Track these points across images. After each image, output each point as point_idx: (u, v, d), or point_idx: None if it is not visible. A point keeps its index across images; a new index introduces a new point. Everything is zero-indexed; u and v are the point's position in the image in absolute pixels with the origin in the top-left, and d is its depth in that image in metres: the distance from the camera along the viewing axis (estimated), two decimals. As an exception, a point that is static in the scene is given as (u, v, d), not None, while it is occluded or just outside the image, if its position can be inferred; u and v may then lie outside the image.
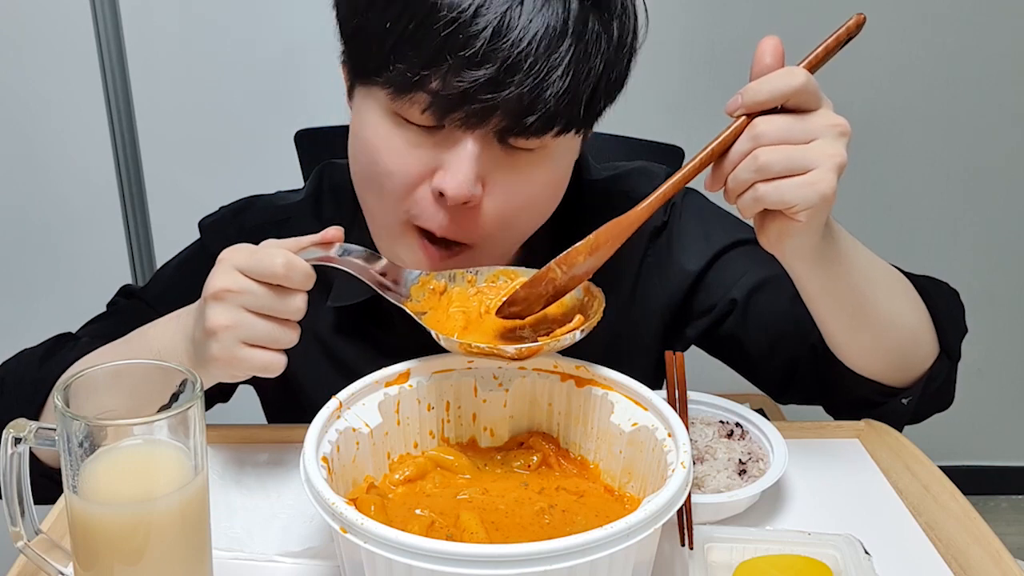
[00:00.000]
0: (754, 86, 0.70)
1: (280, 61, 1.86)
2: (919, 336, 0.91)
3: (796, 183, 0.70)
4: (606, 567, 0.59)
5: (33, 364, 0.92)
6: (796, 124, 0.70)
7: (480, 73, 0.73)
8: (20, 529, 0.65)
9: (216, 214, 1.04)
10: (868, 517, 0.83)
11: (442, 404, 0.80)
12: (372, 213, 0.87)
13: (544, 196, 0.84)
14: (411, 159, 0.79)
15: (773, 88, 0.69)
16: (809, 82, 0.70)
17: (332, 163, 1.02)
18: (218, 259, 0.75)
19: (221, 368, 0.75)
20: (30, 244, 1.97)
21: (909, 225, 2.20)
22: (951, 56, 2.06)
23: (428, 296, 0.79)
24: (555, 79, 0.74)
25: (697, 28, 2.03)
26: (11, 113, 1.87)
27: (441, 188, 0.78)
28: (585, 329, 0.73)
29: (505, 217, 0.82)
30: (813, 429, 0.96)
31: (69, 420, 0.60)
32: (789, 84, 0.69)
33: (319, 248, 0.77)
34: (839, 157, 0.70)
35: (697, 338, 1.04)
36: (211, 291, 0.74)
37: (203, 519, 0.66)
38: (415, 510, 0.72)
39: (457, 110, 0.75)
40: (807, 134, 0.70)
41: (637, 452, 0.74)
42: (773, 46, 0.71)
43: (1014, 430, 2.44)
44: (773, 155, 0.70)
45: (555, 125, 0.77)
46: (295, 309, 0.74)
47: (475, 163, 0.77)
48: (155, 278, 1.04)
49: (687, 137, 1.34)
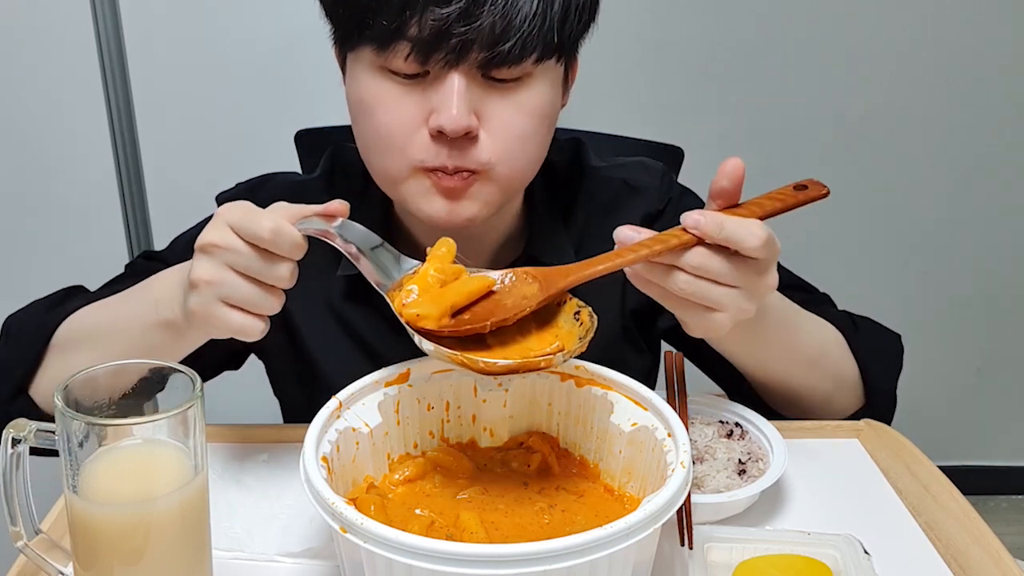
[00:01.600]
0: (715, 224, 0.72)
1: (280, 61, 1.86)
2: (842, 391, 0.98)
3: (699, 314, 0.76)
4: (606, 567, 0.59)
5: (40, 311, 0.94)
6: (731, 271, 0.74)
7: (451, 9, 0.77)
8: (20, 529, 0.65)
9: (233, 189, 1.05)
10: (868, 517, 0.83)
11: (442, 404, 0.80)
12: (381, 172, 0.88)
13: (536, 126, 0.86)
14: (404, 107, 0.83)
15: (732, 236, 0.72)
16: (763, 244, 0.73)
17: (341, 146, 1.04)
18: (216, 212, 0.76)
19: (198, 323, 0.75)
20: (30, 244, 1.97)
21: (909, 225, 2.20)
22: (951, 56, 2.06)
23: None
24: (523, 3, 0.78)
25: (697, 28, 2.03)
26: (11, 113, 1.87)
27: (439, 126, 0.80)
28: (566, 356, 0.72)
29: (507, 145, 0.84)
30: (813, 429, 0.96)
31: (69, 420, 0.60)
32: (746, 241, 0.72)
33: (321, 219, 0.77)
34: (746, 312, 0.76)
35: (664, 332, 1.07)
36: (200, 243, 0.74)
37: (203, 519, 0.66)
38: (415, 510, 0.72)
39: (437, 50, 0.78)
40: (735, 281, 0.74)
41: (637, 452, 0.74)
42: (733, 169, 0.75)
43: (1014, 430, 2.44)
44: (698, 287, 0.74)
45: (532, 51, 0.80)
46: (279, 276, 0.74)
47: (464, 95, 0.80)
48: (172, 246, 1.05)
49: (687, 137, 1.34)
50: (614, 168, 1.05)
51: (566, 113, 0.92)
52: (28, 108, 1.87)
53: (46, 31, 1.81)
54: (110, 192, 1.90)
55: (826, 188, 0.77)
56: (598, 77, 2.00)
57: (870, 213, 2.17)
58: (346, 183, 1.01)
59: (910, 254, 2.23)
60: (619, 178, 1.03)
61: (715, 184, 0.76)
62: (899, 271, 2.24)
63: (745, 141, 2.10)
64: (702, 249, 0.73)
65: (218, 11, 1.84)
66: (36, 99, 1.86)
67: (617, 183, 1.03)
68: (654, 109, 2.07)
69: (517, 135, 0.84)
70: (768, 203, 0.76)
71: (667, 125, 1.51)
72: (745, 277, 0.74)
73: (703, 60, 2.05)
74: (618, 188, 1.03)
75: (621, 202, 1.02)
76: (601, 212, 1.01)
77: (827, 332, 0.97)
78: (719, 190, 0.75)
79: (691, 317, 0.77)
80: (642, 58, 2.04)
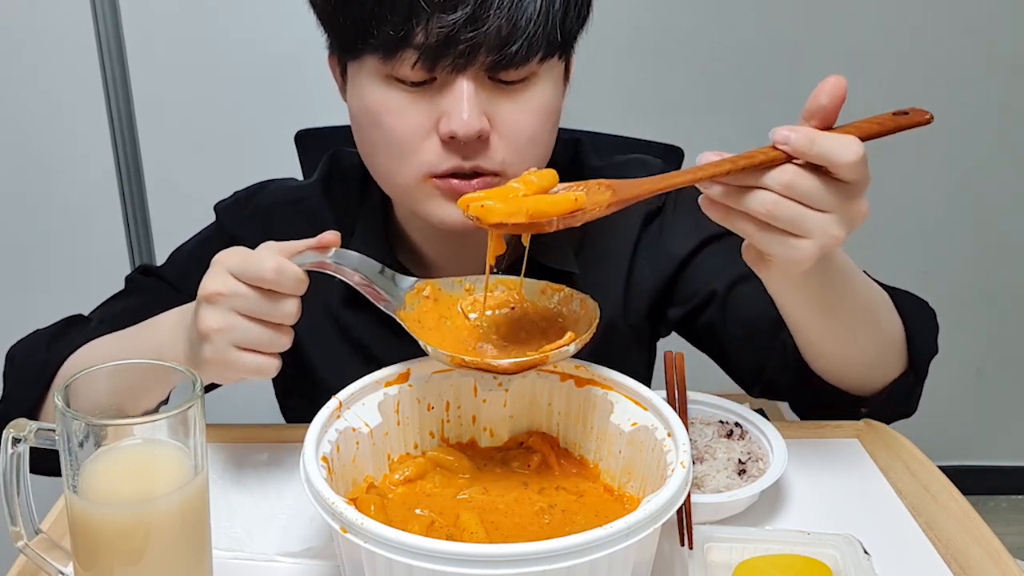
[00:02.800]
0: (808, 138, 0.67)
1: (280, 61, 1.86)
2: (890, 354, 0.92)
3: (782, 240, 0.70)
4: (606, 567, 0.59)
5: (42, 345, 0.93)
6: (823, 193, 0.68)
7: (458, 15, 0.76)
8: (20, 529, 0.65)
9: (230, 198, 1.05)
10: (868, 517, 0.83)
11: (442, 404, 0.80)
12: (388, 179, 0.88)
13: (544, 123, 0.86)
14: (413, 114, 0.82)
15: (826, 152, 0.67)
16: (859, 162, 0.67)
17: (340, 150, 1.04)
18: (212, 261, 0.76)
19: (215, 370, 0.76)
20: (30, 244, 1.97)
21: (909, 225, 2.20)
22: (951, 56, 2.06)
23: (422, 303, 0.79)
24: (527, 5, 0.78)
25: (698, 28, 2.03)
26: (11, 113, 1.87)
27: (450, 131, 0.80)
28: (579, 344, 0.73)
29: (518, 146, 0.84)
30: (813, 429, 0.96)
31: (69, 420, 0.60)
32: (841, 156, 0.67)
33: (314, 252, 0.76)
34: (835, 240, 0.70)
35: (677, 323, 1.05)
36: (203, 294, 0.74)
37: (203, 519, 0.66)
38: (415, 510, 0.72)
39: (445, 56, 0.78)
40: (826, 205, 0.69)
41: (637, 452, 0.74)
42: (833, 87, 0.69)
43: (1014, 430, 2.44)
44: (785, 209, 0.68)
45: (537, 51, 0.80)
46: (286, 314, 0.74)
47: (474, 99, 0.80)
48: (172, 259, 1.05)
49: (687, 137, 1.34)
50: (612, 167, 1.04)
51: (566, 113, 0.92)
52: (28, 108, 1.87)
53: (46, 31, 1.81)
54: (110, 192, 1.90)
55: (928, 114, 0.70)
56: (598, 77, 2.00)
57: (870, 213, 2.17)
58: (344, 188, 1.01)
59: (910, 254, 2.23)
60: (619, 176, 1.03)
61: (812, 101, 0.69)
62: (899, 271, 2.23)
63: (745, 141, 2.08)
64: (792, 167, 0.68)
65: (218, 11, 1.84)
66: (36, 99, 1.86)
67: None
68: (654, 109, 2.07)
69: (527, 136, 0.84)
70: (865, 126, 0.70)
71: (667, 125, 1.51)
72: (837, 201, 0.68)
73: (703, 59, 2.05)
74: None
75: None
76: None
77: (876, 289, 0.91)
78: (817, 108, 0.69)
79: (773, 245, 0.70)
80: (642, 58, 2.04)
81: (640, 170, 1.04)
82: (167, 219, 1.94)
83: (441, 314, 0.79)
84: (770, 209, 0.68)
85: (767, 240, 0.71)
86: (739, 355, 1.00)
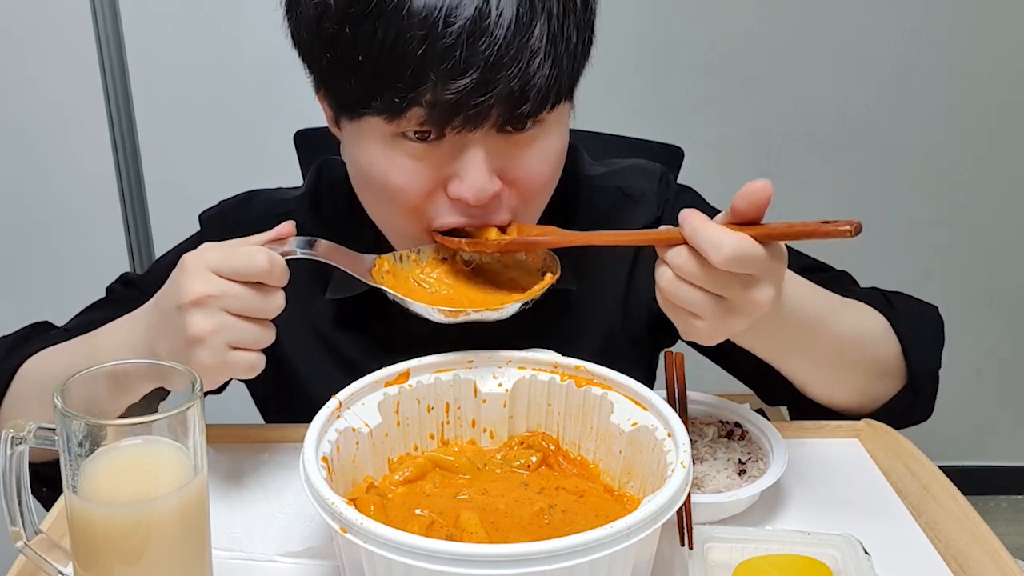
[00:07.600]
0: (692, 227, 0.68)
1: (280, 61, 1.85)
2: (882, 378, 0.94)
3: (683, 317, 0.73)
4: (606, 567, 0.59)
5: (2, 351, 0.92)
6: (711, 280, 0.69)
7: (467, 80, 0.72)
8: (20, 529, 0.65)
9: (216, 207, 1.04)
10: (868, 517, 0.83)
11: (442, 404, 0.80)
12: (388, 227, 0.87)
13: (555, 167, 0.85)
14: (420, 173, 0.79)
15: (702, 244, 0.67)
16: (731, 259, 0.67)
17: (330, 159, 1.01)
18: (182, 262, 0.73)
19: (212, 374, 0.73)
20: (30, 244, 1.97)
21: (909, 225, 2.20)
22: (952, 56, 2.06)
23: (385, 278, 0.82)
24: (538, 62, 0.74)
25: (698, 29, 2.03)
26: (11, 113, 1.87)
27: (461, 197, 0.78)
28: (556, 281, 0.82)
29: (530, 195, 0.83)
30: (813, 429, 0.96)
31: (69, 420, 0.60)
32: (712, 252, 0.67)
33: (276, 245, 0.77)
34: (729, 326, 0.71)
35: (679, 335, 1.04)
36: (190, 298, 0.71)
37: (203, 519, 0.66)
38: (415, 510, 0.72)
39: (455, 118, 0.75)
40: (716, 291, 0.69)
41: (637, 452, 0.74)
42: (754, 193, 0.68)
43: (1014, 430, 2.44)
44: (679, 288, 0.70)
45: (549, 103, 0.77)
46: (276, 307, 0.74)
47: (485, 163, 0.78)
48: (153, 269, 1.03)
49: (687, 137, 1.34)
50: (609, 176, 1.02)
51: (566, 113, 0.92)
52: (28, 108, 1.87)
53: (46, 31, 1.81)
54: (110, 192, 1.90)
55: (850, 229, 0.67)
56: (598, 77, 1.99)
57: (870, 213, 2.17)
58: (332, 200, 0.99)
59: (910, 254, 2.23)
60: (615, 187, 1.01)
61: (733, 201, 0.70)
62: (899, 271, 2.23)
63: (745, 141, 2.10)
64: (685, 248, 0.69)
65: (218, 11, 1.84)
66: (36, 99, 1.86)
67: (613, 192, 1.01)
68: (654, 109, 2.07)
69: (539, 185, 0.83)
70: (785, 226, 0.69)
71: (667, 125, 1.51)
72: (726, 288, 0.69)
73: (703, 60, 2.05)
74: (615, 198, 1.01)
75: (618, 213, 1.00)
76: (599, 225, 0.97)
77: (868, 323, 0.91)
78: (734, 210, 0.70)
79: (676, 319, 0.74)
80: (642, 58, 2.04)
81: (638, 178, 1.02)
82: (167, 219, 1.94)
83: (404, 286, 0.83)
84: (663, 285, 0.72)
85: (670, 313, 0.74)
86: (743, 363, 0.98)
